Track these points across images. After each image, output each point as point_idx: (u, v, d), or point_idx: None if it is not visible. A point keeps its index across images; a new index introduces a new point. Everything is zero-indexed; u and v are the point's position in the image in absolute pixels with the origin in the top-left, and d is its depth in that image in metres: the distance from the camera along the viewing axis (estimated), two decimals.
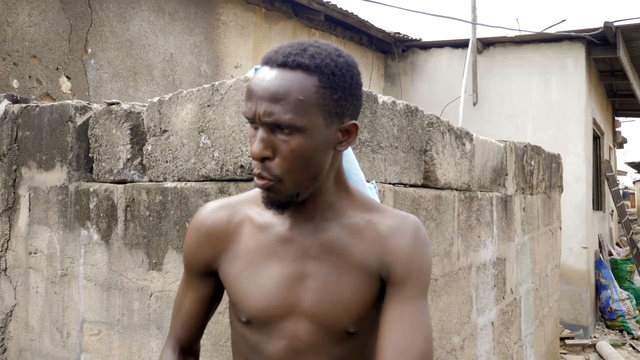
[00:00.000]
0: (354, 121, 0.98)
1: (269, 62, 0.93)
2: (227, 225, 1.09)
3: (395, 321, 0.96)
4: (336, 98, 0.92)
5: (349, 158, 1.54)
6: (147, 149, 2.02)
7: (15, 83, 3.44)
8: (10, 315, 2.45)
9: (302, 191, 0.96)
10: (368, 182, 1.71)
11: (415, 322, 0.96)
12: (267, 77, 0.91)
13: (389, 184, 1.96)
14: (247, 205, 1.10)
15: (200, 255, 1.11)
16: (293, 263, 1.02)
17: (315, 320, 1.00)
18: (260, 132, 0.92)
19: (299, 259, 1.02)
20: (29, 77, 3.54)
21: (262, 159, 0.92)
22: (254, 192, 1.12)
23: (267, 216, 1.06)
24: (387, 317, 0.97)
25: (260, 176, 0.94)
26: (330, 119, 0.93)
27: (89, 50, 3.93)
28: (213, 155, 1.77)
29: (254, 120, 0.93)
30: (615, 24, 5.95)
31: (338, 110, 0.93)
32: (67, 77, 3.76)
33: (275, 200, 0.96)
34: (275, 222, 1.05)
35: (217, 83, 1.78)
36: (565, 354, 5.71)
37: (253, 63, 5.34)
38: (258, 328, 1.03)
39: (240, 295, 1.04)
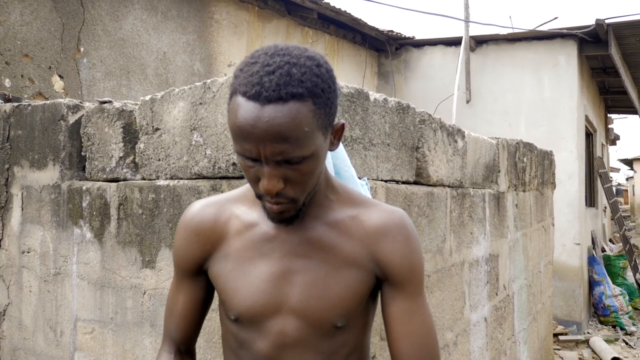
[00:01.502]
0: (342, 121, 1.00)
1: (257, 97, 0.86)
2: (215, 223, 1.09)
3: (405, 320, 1.02)
4: (327, 110, 0.92)
5: (340, 155, 1.55)
6: (140, 147, 2.02)
7: (7, 82, 3.43)
8: (4, 315, 2.45)
9: (307, 200, 0.98)
10: (360, 178, 1.72)
11: (422, 318, 1.04)
12: (263, 116, 0.85)
13: (381, 180, 1.97)
14: (234, 203, 1.10)
15: (190, 253, 1.11)
16: (280, 261, 1.03)
17: (303, 316, 1.01)
18: (269, 169, 0.90)
19: (285, 256, 1.03)
20: (21, 76, 3.53)
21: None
22: (241, 190, 1.13)
23: (254, 215, 1.06)
24: (394, 316, 1.03)
25: (277, 203, 0.94)
26: (326, 130, 0.94)
27: (82, 49, 3.92)
28: (205, 153, 1.78)
29: (256, 159, 0.90)
30: (606, 21, 5.98)
31: (330, 119, 0.94)
32: (59, 76, 3.75)
33: (287, 217, 0.97)
34: (262, 220, 1.05)
35: (209, 81, 1.79)
36: (558, 349, 5.75)
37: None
38: (246, 325, 1.04)
39: (229, 293, 1.04)
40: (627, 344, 6.27)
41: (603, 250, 8.33)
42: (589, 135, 8.34)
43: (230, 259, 1.05)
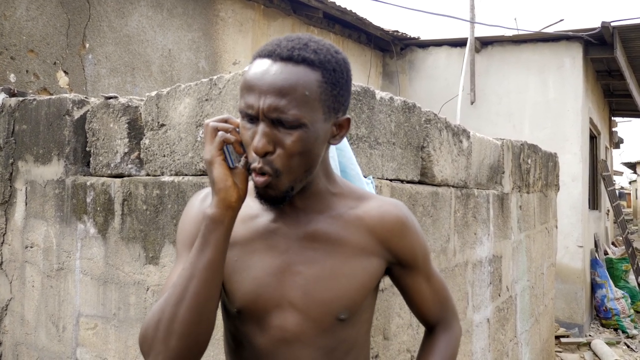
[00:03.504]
0: (348, 116, 1.01)
1: (271, 55, 0.92)
2: None
3: (425, 288, 1.17)
4: (335, 94, 0.94)
5: (346, 153, 1.55)
6: (145, 143, 2.02)
7: (12, 77, 3.44)
8: (6, 309, 2.45)
9: (296, 185, 0.97)
10: (365, 177, 1.72)
11: (436, 280, 1.19)
12: (271, 70, 0.90)
13: (386, 179, 1.96)
14: None
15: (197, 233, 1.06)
16: (284, 254, 1.03)
17: (304, 310, 1.01)
18: (263, 127, 0.91)
19: (290, 249, 1.03)
20: (27, 71, 3.53)
21: (264, 154, 0.92)
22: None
23: (257, 207, 1.07)
24: (416, 288, 1.16)
25: (261, 171, 0.93)
26: (329, 113, 0.95)
27: (87, 45, 3.92)
28: None
29: (255, 115, 0.91)
30: (612, 24, 5.96)
31: (336, 105, 0.96)
32: (64, 71, 3.76)
33: (272, 196, 0.96)
34: (265, 212, 1.06)
35: (215, 77, 1.79)
36: (560, 352, 5.73)
37: (251, 60, 5.33)
38: (247, 319, 1.04)
39: (233, 285, 1.04)
40: (628, 347, 6.25)
41: (606, 253, 8.31)
42: (593, 138, 8.31)
43: (235, 247, 1.05)
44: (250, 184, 1.09)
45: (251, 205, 1.07)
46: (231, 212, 0.94)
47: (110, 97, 2.17)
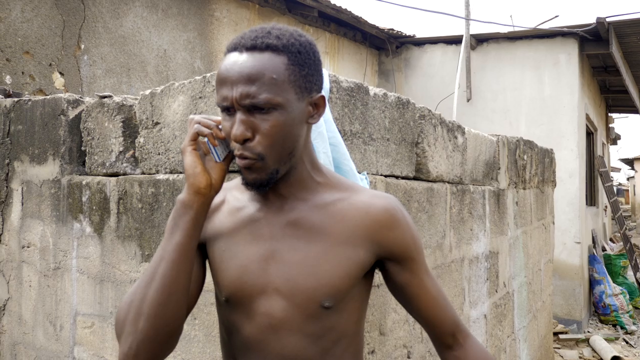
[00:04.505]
0: (321, 94, 1.04)
1: (237, 47, 0.97)
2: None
3: (427, 288, 1.10)
4: (304, 74, 0.98)
5: (340, 149, 1.55)
6: (140, 142, 2.02)
7: (8, 79, 3.44)
8: (3, 310, 2.45)
9: (280, 167, 1.00)
10: (359, 173, 1.72)
11: (436, 283, 1.12)
12: (239, 61, 0.95)
13: (381, 175, 1.97)
14: (228, 190, 1.14)
15: None
16: (267, 242, 1.05)
17: (289, 296, 1.02)
18: (239, 115, 0.95)
19: (273, 237, 1.05)
20: (22, 73, 3.53)
21: (244, 141, 0.95)
22: (235, 181, 1.17)
23: (244, 198, 1.10)
24: (415, 288, 1.09)
25: (242, 156, 0.96)
26: (301, 93, 0.99)
27: (82, 46, 3.92)
28: None
29: (231, 107, 0.96)
30: (607, 19, 5.97)
31: (307, 85, 0.99)
32: (60, 73, 3.76)
33: (257, 179, 0.99)
34: (250, 203, 1.09)
35: (208, 74, 1.79)
36: (559, 348, 5.74)
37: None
38: (236, 307, 1.05)
39: (221, 274, 1.07)
40: (627, 342, 6.27)
41: (603, 249, 8.33)
42: (590, 134, 8.33)
43: (223, 238, 1.08)
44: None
45: (239, 197, 1.11)
46: (200, 198, 0.98)
47: (105, 97, 2.17)
